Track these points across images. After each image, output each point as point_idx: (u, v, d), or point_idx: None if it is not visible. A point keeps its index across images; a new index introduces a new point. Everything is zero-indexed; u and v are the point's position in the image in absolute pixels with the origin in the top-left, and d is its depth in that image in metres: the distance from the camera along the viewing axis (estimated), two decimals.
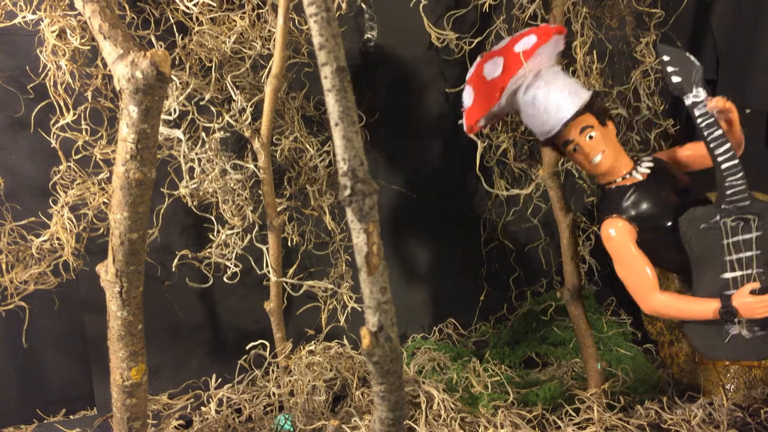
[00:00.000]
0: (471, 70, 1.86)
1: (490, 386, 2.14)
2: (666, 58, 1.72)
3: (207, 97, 1.89)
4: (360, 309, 2.13)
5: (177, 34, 1.85)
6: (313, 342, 2.15)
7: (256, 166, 1.91)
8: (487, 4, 2.10)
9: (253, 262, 2.04)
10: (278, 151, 2.01)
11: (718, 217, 1.68)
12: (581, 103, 1.74)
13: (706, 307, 1.70)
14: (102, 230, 1.96)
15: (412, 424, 1.83)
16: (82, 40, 1.77)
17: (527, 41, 1.75)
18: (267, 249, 1.99)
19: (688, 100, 1.69)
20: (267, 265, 1.99)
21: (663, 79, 2.34)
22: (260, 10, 1.88)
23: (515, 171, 2.38)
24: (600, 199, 1.86)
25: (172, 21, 1.83)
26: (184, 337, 2.17)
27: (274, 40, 1.77)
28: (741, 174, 1.67)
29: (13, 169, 1.94)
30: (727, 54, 2.43)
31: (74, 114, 1.83)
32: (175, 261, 2.00)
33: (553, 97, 1.73)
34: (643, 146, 2.43)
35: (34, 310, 2.02)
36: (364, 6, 2.03)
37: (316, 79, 2.03)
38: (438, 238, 2.50)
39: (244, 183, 1.99)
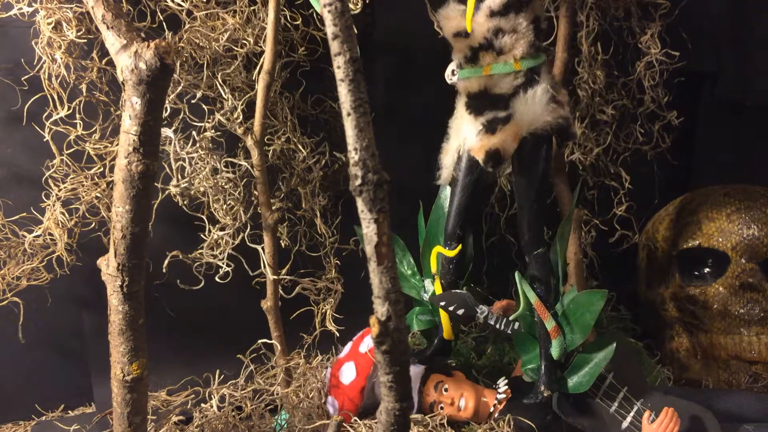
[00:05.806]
0: (327, 380, 1.99)
1: None
2: (443, 303, 1.86)
3: (198, 95, 1.87)
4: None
5: (167, 31, 1.82)
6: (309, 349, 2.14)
7: (250, 163, 1.89)
8: None
9: (245, 262, 2.01)
10: (271, 152, 1.99)
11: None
12: (421, 371, 1.94)
13: None
14: (93, 225, 1.93)
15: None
16: (78, 33, 1.74)
17: (368, 341, 1.93)
18: (262, 248, 1.97)
19: (481, 319, 1.84)
20: (263, 264, 1.97)
21: (668, 71, 2.34)
22: (253, 6, 1.86)
23: None
24: None
25: (161, 17, 1.80)
26: (181, 334, 2.16)
27: (266, 36, 1.75)
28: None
29: (6, 163, 1.92)
30: (729, 46, 2.44)
31: (69, 108, 1.80)
32: (166, 261, 1.97)
33: None
34: (647, 138, 2.42)
35: (32, 306, 1.99)
36: None
37: (311, 78, 2.03)
38: None
39: (236, 182, 1.97)
